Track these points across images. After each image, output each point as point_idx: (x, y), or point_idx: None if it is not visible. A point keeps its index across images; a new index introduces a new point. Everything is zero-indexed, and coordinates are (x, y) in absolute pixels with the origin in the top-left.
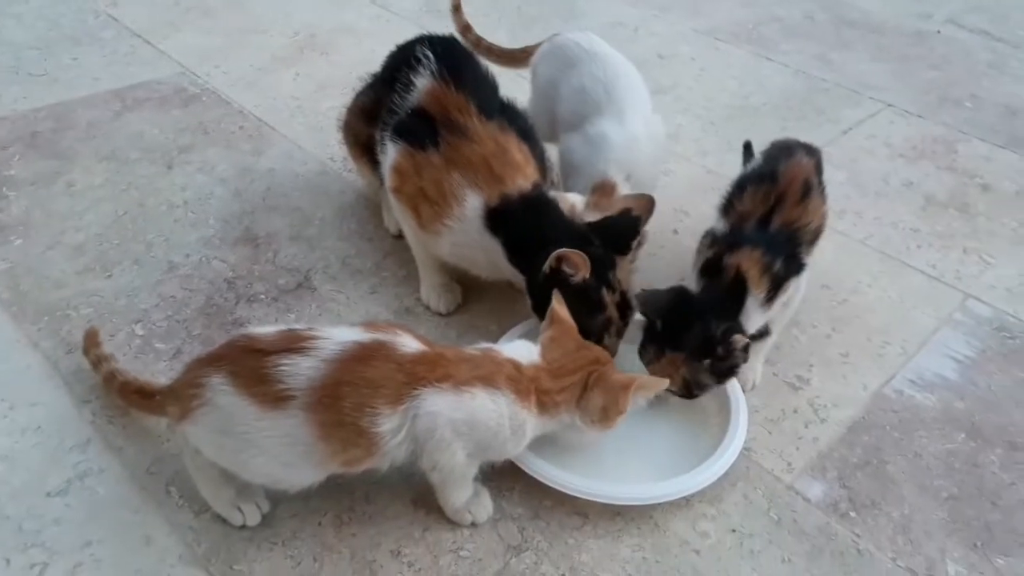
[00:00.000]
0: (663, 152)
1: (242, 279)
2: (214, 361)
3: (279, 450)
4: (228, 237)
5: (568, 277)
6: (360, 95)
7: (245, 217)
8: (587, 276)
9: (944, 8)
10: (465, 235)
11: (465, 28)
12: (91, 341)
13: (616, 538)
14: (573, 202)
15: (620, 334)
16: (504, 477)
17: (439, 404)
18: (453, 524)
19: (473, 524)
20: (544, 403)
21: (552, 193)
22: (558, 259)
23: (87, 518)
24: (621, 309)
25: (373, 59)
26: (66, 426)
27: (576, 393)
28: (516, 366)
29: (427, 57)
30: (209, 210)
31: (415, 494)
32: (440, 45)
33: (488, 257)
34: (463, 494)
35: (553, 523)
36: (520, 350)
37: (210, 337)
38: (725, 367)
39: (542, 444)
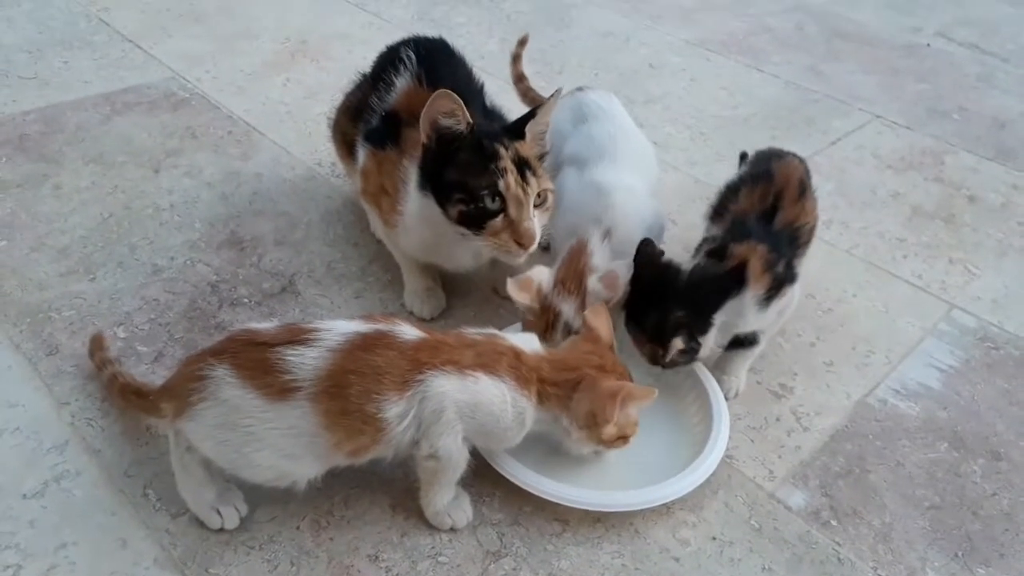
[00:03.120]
0: (655, 227)
1: (226, 283)
2: (215, 354)
3: (283, 442)
4: (213, 241)
5: (449, 131)
6: (349, 95)
7: (231, 221)
8: (469, 121)
9: (934, 21)
10: (413, 217)
11: (519, 78)
12: (97, 345)
13: (596, 545)
14: (538, 280)
15: (521, 195)
16: (484, 483)
17: (446, 385)
18: (432, 529)
19: (452, 529)
20: (541, 394)
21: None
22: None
23: (63, 520)
24: (520, 167)
25: (364, 66)
26: (44, 428)
27: (567, 391)
28: (517, 354)
29: (409, 59)
30: (195, 214)
31: (394, 499)
32: (425, 47)
33: (435, 231)
34: (448, 493)
35: (533, 529)
36: (523, 338)
37: (192, 340)
38: (665, 359)
39: (524, 450)
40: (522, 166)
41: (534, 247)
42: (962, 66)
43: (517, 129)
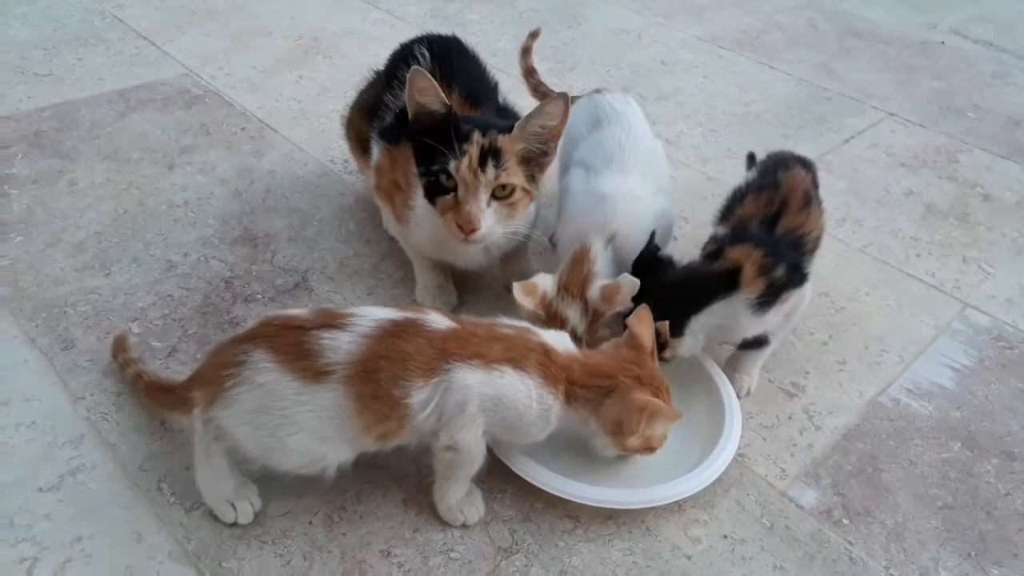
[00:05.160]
0: (662, 230)
1: (240, 279)
2: (250, 339)
3: (317, 425)
4: (227, 237)
5: (425, 109)
6: (363, 92)
7: (244, 217)
8: (445, 101)
9: (949, 18)
10: (423, 211)
11: (529, 71)
12: (120, 345)
13: (607, 542)
14: (543, 287)
15: (469, 179)
16: (496, 479)
17: (471, 378)
18: (444, 525)
19: (464, 525)
20: (569, 394)
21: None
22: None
23: (78, 514)
24: (483, 157)
25: (377, 63)
26: (60, 422)
27: (598, 396)
28: (547, 351)
29: (423, 56)
30: (209, 210)
31: (406, 495)
32: (439, 45)
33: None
34: (463, 488)
35: (544, 526)
36: (555, 336)
37: (206, 336)
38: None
39: (536, 447)
40: (488, 155)
41: (478, 235)
42: (977, 63)
43: (511, 125)
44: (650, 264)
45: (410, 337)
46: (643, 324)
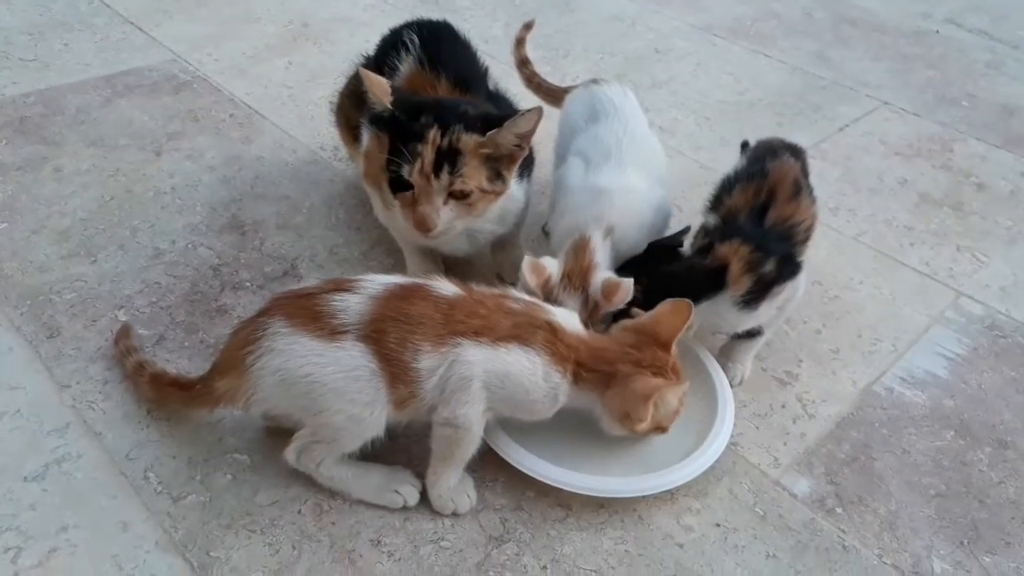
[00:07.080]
0: (659, 222)
1: (228, 266)
2: (264, 314)
3: (344, 384)
4: (215, 224)
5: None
6: (353, 78)
7: (233, 205)
8: (386, 105)
9: (943, 7)
10: None
11: (523, 62)
12: (124, 334)
13: (599, 530)
14: (550, 270)
15: (422, 183)
16: (487, 468)
17: (478, 356)
18: (434, 514)
19: (455, 514)
20: (577, 375)
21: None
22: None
23: (64, 503)
24: (439, 161)
25: (367, 49)
26: (45, 410)
27: (602, 382)
28: (554, 329)
29: (412, 42)
30: (196, 197)
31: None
32: (428, 30)
33: None
34: (457, 473)
35: (536, 514)
36: (564, 315)
37: (194, 324)
38: None
39: (527, 435)
40: (446, 158)
41: (434, 233)
42: (971, 53)
43: (486, 124)
44: (661, 252)
45: (416, 301)
46: (675, 315)
